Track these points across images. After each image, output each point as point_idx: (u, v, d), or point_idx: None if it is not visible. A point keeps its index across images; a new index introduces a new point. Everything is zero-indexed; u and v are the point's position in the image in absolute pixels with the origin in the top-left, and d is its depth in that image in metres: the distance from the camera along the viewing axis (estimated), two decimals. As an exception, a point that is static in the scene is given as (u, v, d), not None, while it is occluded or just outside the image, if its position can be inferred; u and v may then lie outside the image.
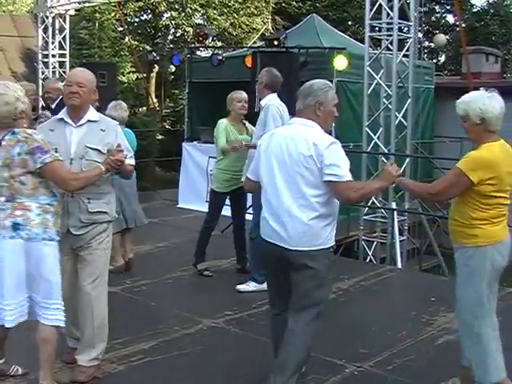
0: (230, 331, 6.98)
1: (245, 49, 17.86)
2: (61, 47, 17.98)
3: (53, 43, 17.86)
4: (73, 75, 5.57)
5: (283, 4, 32.56)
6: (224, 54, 15.62)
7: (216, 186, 8.89)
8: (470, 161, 4.99)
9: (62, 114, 5.51)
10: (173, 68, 28.22)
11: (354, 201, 5.35)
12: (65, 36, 17.96)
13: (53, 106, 9.41)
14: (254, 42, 24.12)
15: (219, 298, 8.08)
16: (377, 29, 12.39)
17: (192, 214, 13.15)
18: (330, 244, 5.17)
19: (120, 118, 8.92)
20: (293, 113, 8.23)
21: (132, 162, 5.66)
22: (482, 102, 4.96)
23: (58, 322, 5.11)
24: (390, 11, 11.51)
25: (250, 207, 9.35)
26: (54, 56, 17.95)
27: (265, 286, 7.80)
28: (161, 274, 8.95)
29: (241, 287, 8.27)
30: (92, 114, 5.49)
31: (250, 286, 8.22)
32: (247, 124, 8.87)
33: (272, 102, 7.87)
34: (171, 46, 31.61)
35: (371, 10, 11.75)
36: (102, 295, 5.62)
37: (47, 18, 17.76)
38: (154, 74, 30.78)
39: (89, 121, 5.44)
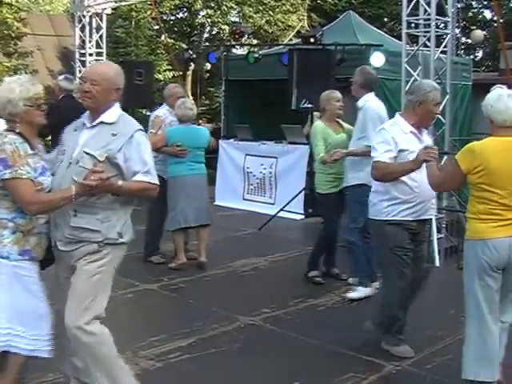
0: (267, 329, 6.96)
1: (281, 46, 17.83)
2: (98, 46, 18.06)
3: (90, 42, 17.94)
4: (88, 70, 4.93)
5: (319, 1, 32.49)
6: (260, 52, 15.60)
7: (321, 189, 8.42)
8: (463, 149, 5.21)
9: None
10: (208, 66, 28.29)
11: (376, 178, 6.11)
12: (101, 35, 18.04)
13: None
14: (290, 40, 24.10)
15: (256, 296, 8.06)
16: (413, 25, 12.30)
17: (229, 212, 13.19)
18: (382, 217, 6.08)
19: (185, 116, 8.96)
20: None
21: (145, 178, 4.62)
22: (492, 96, 5.13)
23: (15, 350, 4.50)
24: (427, 7, 11.42)
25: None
26: (91, 55, 18.02)
27: (369, 290, 7.79)
28: (198, 271, 8.96)
29: (351, 295, 7.90)
30: (110, 114, 4.70)
31: (360, 292, 7.88)
32: (343, 123, 8.49)
33: (370, 103, 7.75)
34: (207, 44, 31.71)
35: (408, 7, 11.68)
36: (102, 331, 4.68)
37: (84, 17, 17.84)
38: (190, 72, 30.88)
39: (101, 122, 4.69)
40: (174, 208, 8.98)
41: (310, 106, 11.74)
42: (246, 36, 18.22)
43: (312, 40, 12.66)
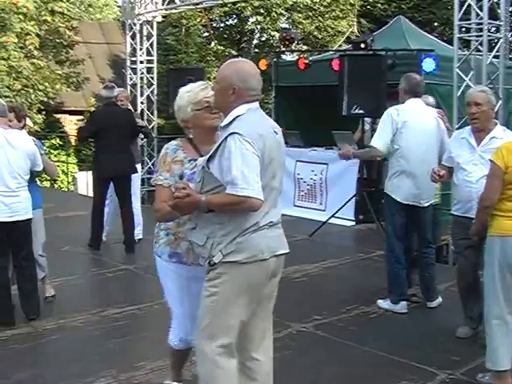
0: (318, 336, 6.93)
1: (331, 52, 17.79)
2: (148, 53, 18.22)
3: (140, 49, 18.10)
4: None
5: (368, 6, 32.38)
6: (310, 58, 15.57)
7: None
8: (497, 150, 5.52)
9: None
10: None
11: None
12: (152, 42, 18.20)
13: None
14: (340, 45, 24.04)
15: (308, 303, 8.04)
16: (463, 29, 12.19)
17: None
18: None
19: None
20: (379, 115, 8.17)
21: (230, 190, 4.04)
22: None
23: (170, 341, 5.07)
24: (479, 11, 11.30)
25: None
26: (141, 62, 18.19)
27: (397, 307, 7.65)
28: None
29: (379, 302, 7.81)
30: (226, 118, 4.30)
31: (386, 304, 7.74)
32: None
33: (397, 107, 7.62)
34: (256, 50, 31.78)
35: (460, 11, 11.57)
36: (203, 353, 4.36)
37: (135, 25, 18.01)
38: (239, 79, 30.98)
39: (221, 127, 4.36)
40: None
41: (360, 111, 11.69)
42: (296, 42, 18.22)
43: (362, 46, 12.61)
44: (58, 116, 27.19)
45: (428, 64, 12.30)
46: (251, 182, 4.03)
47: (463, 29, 12.17)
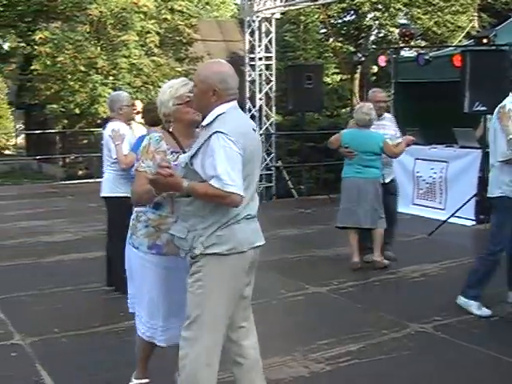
0: (438, 337, 6.80)
1: (450, 48, 17.46)
2: (267, 50, 18.27)
3: (259, 46, 18.17)
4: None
5: (489, 0, 31.62)
6: (430, 54, 15.33)
7: None
8: None
9: None
10: (375, 68, 28.14)
11: None
12: (271, 39, 18.24)
13: None
14: (460, 41, 23.58)
15: (426, 303, 7.89)
16: None
17: (398, 217, 12.99)
18: None
19: (361, 121, 9.20)
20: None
21: (213, 183, 4.18)
22: None
23: (139, 332, 5.04)
24: None
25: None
26: (260, 59, 18.26)
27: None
28: (367, 276, 8.92)
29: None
30: (208, 117, 4.43)
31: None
32: None
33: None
34: (374, 46, 31.56)
35: None
36: (195, 345, 4.45)
37: (254, 22, 18.09)
38: (357, 75, 30.83)
39: (202, 126, 4.50)
40: (339, 207, 9.43)
41: (483, 108, 11.41)
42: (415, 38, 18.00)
43: (485, 41, 12.33)
44: (177, 112, 27.65)
45: (554, 59, 11.91)
46: (235, 178, 4.20)
47: None
